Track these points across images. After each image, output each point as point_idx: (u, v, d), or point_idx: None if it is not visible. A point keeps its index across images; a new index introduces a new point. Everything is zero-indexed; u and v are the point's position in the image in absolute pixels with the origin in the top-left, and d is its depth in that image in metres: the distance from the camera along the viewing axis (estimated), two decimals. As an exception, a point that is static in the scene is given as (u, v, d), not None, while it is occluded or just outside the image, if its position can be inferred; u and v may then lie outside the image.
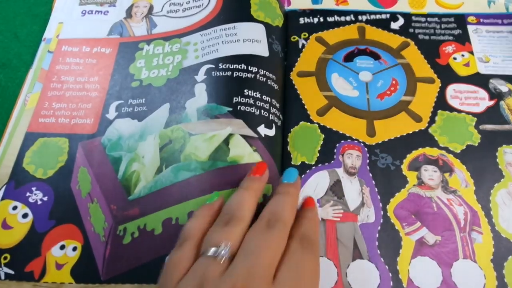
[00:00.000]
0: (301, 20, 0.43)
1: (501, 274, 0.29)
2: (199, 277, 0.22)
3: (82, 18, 0.43)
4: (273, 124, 0.35)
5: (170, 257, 0.25)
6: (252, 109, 0.34)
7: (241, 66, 0.36)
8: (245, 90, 0.35)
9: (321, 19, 0.43)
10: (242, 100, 0.35)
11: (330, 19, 0.43)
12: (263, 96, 0.35)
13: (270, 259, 0.23)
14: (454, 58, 0.40)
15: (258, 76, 0.36)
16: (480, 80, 0.38)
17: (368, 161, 0.34)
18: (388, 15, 0.43)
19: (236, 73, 0.36)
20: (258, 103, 0.35)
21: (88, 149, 0.34)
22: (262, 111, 0.35)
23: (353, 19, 0.43)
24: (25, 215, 0.32)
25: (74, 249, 0.31)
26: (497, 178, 0.33)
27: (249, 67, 0.36)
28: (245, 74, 0.36)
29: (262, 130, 0.34)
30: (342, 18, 0.43)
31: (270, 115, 0.35)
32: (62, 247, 0.31)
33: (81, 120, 0.36)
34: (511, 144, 0.35)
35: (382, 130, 0.36)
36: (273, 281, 0.23)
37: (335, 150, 0.35)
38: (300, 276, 0.23)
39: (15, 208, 0.32)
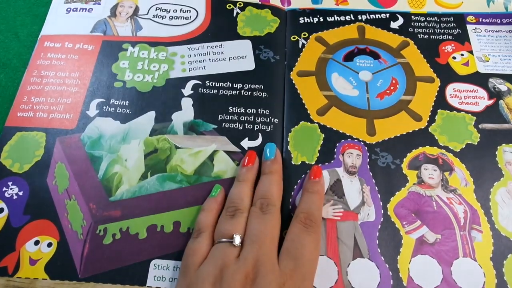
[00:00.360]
0: (301, 20, 0.43)
1: (501, 272, 0.30)
2: (219, 261, 0.26)
3: (66, 15, 0.43)
4: (260, 133, 0.36)
5: (189, 246, 0.29)
6: (235, 125, 0.36)
7: (226, 84, 0.38)
8: (230, 108, 0.37)
9: (321, 19, 0.43)
10: (227, 117, 0.36)
11: (330, 18, 0.43)
12: (247, 110, 0.37)
13: (270, 243, 0.28)
14: (454, 58, 0.40)
15: (242, 91, 0.38)
16: (479, 79, 0.39)
17: (368, 160, 0.34)
18: (387, 15, 0.43)
19: (221, 91, 0.38)
20: (242, 117, 0.36)
21: (66, 145, 0.35)
22: (246, 124, 0.36)
23: (353, 18, 0.43)
24: (0, 210, 0.32)
25: (49, 245, 0.31)
26: (496, 177, 0.33)
27: (234, 84, 0.38)
28: (230, 92, 0.38)
29: (246, 143, 0.35)
30: (342, 18, 0.43)
31: (256, 125, 0.36)
32: (37, 243, 0.31)
33: (60, 115, 0.36)
34: (510, 143, 0.35)
35: (382, 129, 0.36)
36: (278, 263, 0.27)
37: (335, 150, 0.35)
38: (300, 257, 0.27)
39: None
